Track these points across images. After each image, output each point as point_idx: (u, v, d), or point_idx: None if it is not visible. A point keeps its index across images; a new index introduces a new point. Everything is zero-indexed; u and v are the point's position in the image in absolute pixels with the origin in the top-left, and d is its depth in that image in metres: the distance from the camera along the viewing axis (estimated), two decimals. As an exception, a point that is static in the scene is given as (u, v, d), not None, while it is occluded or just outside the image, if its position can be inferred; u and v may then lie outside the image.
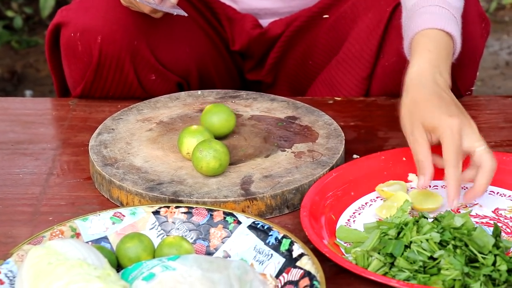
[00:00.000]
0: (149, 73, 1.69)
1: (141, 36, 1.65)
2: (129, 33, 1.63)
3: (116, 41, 1.63)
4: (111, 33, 1.63)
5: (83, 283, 1.10)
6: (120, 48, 1.63)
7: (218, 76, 1.80)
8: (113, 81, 1.68)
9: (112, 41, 1.63)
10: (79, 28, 1.64)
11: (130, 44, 1.64)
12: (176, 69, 1.72)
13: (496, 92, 3.06)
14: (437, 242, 1.25)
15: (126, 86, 1.69)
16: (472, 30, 1.64)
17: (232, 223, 1.32)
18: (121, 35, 1.63)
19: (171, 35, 1.69)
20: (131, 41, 1.64)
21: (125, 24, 1.63)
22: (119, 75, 1.67)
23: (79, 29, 1.64)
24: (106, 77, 1.68)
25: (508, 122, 1.65)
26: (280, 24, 1.77)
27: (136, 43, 1.64)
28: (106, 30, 1.62)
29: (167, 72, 1.71)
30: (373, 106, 1.71)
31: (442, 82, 1.44)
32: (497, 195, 1.43)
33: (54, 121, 1.69)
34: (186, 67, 1.74)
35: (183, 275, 1.15)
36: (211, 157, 1.42)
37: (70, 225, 1.31)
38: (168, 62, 1.70)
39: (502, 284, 1.22)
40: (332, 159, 1.48)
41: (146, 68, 1.68)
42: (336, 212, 1.40)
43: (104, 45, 1.63)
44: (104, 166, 1.47)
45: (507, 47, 3.33)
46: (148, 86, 1.71)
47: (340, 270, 1.27)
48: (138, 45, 1.65)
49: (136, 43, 1.64)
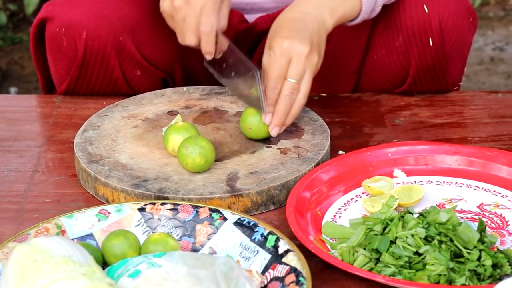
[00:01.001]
0: (134, 69, 1.69)
1: (126, 32, 1.64)
2: (114, 28, 1.63)
3: (101, 37, 1.63)
4: (97, 29, 1.62)
5: (69, 280, 1.10)
6: (105, 44, 1.63)
7: (203, 71, 1.80)
8: (98, 77, 1.68)
9: (97, 37, 1.62)
10: (64, 23, 1.63)
11: (116, 40, 1.63)
12: (161, 65, 1.72)
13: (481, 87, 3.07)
14: (422, 237, 1.25)
15: (112, 82, 1.69)
16: (460, 25, 1.65)
17: (218, 219, 1.32)
18: (107, 31, 1.62)
19: (156, 31, 1.69)
20: (117, 37, 1.63)
21: (111, 19, 1.63)
22: (104, 71, 1.67)
23: (64, 24, 1.63)
24: (92, 72, 1.67)
25: (493, 117, 1.66)
26: (267, 19, 1.77)
27: (121, 39, 1.64)
28: (91, 26, 1.62)
29: (152, 68, 1.71)
30: (358, 102, 1.71)
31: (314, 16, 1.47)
32: (482, 190, 1.44)
33: (39, 118, 1.68)
34: (171, 63, 1.73)
35: (169, 272, 1.15)
36: (197, 153, 1.42)
37: (55, 223, 1.31)
38: (153, 58, 1.70)
39: (487, 279, 1.23)
40: (318, 155, 1.48)
41: (131, 64, 1.68)
42: (322, 208, 1.40)
43: (89, 40, 1.63)
44: (89, 163, 1.46)
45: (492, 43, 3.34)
46: (134, 82, 1.70)
47: (326, 266, 1.28)
48: (123, 41, 1.64)
49: (121, 39, 1.64)
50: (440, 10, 1.62)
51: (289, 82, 1.44)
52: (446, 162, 1.48)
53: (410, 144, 1.51)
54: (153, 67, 1.71)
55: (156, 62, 1.71)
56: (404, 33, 1.65)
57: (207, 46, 1.51)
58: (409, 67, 1.68)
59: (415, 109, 1.68)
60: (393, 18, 1.65)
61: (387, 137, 1.60)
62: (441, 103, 1.70)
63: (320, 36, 1.47)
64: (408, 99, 1.71)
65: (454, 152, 1.49)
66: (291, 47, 1.43)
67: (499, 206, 1.40)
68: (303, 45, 1.43)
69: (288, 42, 1.43)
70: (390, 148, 1.49)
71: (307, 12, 1.47)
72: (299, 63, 1.43)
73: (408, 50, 1.66)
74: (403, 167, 1.48)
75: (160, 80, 1.74)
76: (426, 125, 1.64)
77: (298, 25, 1.45)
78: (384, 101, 1.71)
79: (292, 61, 1.44)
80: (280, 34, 1.44)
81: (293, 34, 1.44)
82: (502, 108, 1.68)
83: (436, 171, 1.48)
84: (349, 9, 1.51)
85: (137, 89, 1.71)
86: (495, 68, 3.19)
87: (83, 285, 1.10)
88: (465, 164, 1.48)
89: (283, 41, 1.43)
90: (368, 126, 1.64)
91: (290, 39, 1.43)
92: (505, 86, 3.07)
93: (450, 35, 1.64)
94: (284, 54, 1.43)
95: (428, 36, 1.63)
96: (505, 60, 3.23)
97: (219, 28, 1.51)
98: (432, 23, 1.62)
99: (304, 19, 1.46)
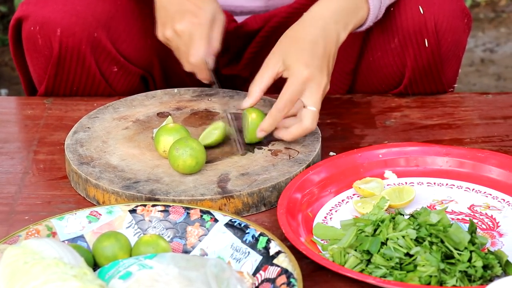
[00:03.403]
0: (110, 65, 1.68)
1: (101, 28, 1.64)
2: (88, 25, 1.63)
3: (76, 33, 1.62)
4: (71, 25, 1.62)
5: (60, 282, 1.10)
6: (80, 40, 1.63)
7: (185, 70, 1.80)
8: (75, 75, 1.68)
9: (71, 34, 1.62)
10: (39, 21, 1.63)
11: (90, 36, 1.63)
12: (138, 61, 1.72)
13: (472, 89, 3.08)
14: (413, 238, 1.25)
15: (89, 80, 1.69)
16: (456, 26, 1.65)
17: (209, 221, 1.32)
18: (81, 27, 1.62)
19: (132, 26, 1.69)
20: (91, 33, 1.63)
21: (85, 16, 1.63)
22: (81, 68, 1.67)
23: (39, 22, 1.63)
24: (68, 70, 1.67)
25: (483, 119, 1.66)
26: (258, 20, 1.76)
27: (96, 35, 1.64)
28: (65, 23, 1.62)
29: (129, 65, 1.71)
30: (349, 103, 1.72)
31: (332, 34, 1.47)
32: (473, 192, 1.44)
33: (30, 120, 1.68)
34: (148, 59, 1.73)
35: (160, 273, 1.15)
36: (188, 155, 1.42)
37: (46, 224, 1.31)
38: (130, 54, 1.70)
39: (477, 280, 1.23)
40: (309, 157, 1.48)
41: (107, 60, 1.68)
42: (313, 210, 1.40)
43: (64, 37, 1.62)
44: (80, 164, 1.46)
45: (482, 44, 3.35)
46: (111, 79, 1.70)
47: (317, 267, 1.28)
48: (98, 37, 1.64)
49: (96, 35, 1.64)
50: (435, 12, 1.63)
51: (311, 110, 1.45)
52: (437, 163, 1.49)
53: (401, 145, 1.51)
54: (129, 63, 1.71)
55: (133, 58, 1.71)
56: (400, 34, 1.65)
57: (201, 75, 1.55)
58: (405, 68, 1.68)
59: (406, 110, 1.69)
60: (388, 20, 1.66)
61: (378, 138, 1.60)
62: (432, 104, 1.70)
63: (334, 56, 1.48)
64: (399, 100, 1.72)
65: (444, 153, 1.49)
66: (311, 76, 1.43)
67: (490, 207, 1.41)
68: (322, 76, 1.45)
69: (308, 70, 1.43)
70: (381, 149, 1.50)
71: (327, 28, 1.47)
72: (318, 92, 1.44)
73: (404, 52, 1.66)
74: (394, 169, 1.48)
75: (138, 77, 1.73)
76: (417, 127, 1.64)
77: (318, 50, 1.45)
78: (375, 102, 1.71)
79: (312, 90, 1.44)
80: (302, 59, 1.44)
81: (314, 63, 1.44)
82: (493, 109, 1.69)
83: (427, 172, 1.48)
84: (359, 21, 1.53)
85: (115, 86, 1.71)
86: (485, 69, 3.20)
87: (74, 286, 1.10)
88: (456, 166, 1.48)
89: (305, 69, 1.43)
90: (359, 127, 1.64)
91: (311, 68, 1.43)
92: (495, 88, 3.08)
93: (446, 37, 1.64)
94: (301, 82, 1.44)
95: (424, 38, 1.64)
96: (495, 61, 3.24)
97: (211, 51, 1.52)
98: (427, 25, 1.63)
99: (324, 41, 1.46)
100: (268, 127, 1.46)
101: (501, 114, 1.67)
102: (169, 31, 1.53)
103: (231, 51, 1.81)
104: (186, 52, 1.52)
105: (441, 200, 1.43)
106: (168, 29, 1.53)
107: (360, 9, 1.51)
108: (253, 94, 1.47)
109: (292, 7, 1.74)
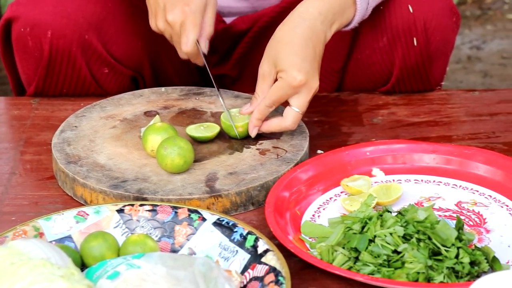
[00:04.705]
0: (101, 66, 1.68)
1: (91, 30, 1.64)
2: (79, 26, 1.62)
3: (67, 35, 1.62)
4: (61, 27, 1.62)
5: (47, 283, 1.09)
6: (70, 42, 1.63)
7: (175, 70, 1.79)
8: (66, 76, 1.67)
9: (62, 35, 1.62)
10: (29, 23, 1.63)
11: (81, 38, 1.63)
12: (128, 62, 1.72)
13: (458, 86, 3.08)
14: (400, 235, 1.26)
15: (80, 81, 1.68)
16: (445, 25, 1.65)
17: (197, 220, 1.32)
18: (71, 29, 1.62)
19: (122, 28, 1.69)
20: (82, 35, 1.63)
21: (75, 18, 1.62)
22: (72, 70, 1.66)
23: (29, 24, 1.63)
24: (59, 72, 1.66)
25: (470, 116, 1.66)
26: (246, 20, 1.76)
27: (87, 36, 1.63)
28: (56, 24, 1.62)
29: (120, 66, 1.70)
30: (336, 101, 1.72)
31: (319, 35, 1.47)
32: (460, 188, 1.45)
33: (16, 120, 1.67)
34: (139, 60, 1.73)
35: (148, 273, 1.15)
36: (176, 154, 1.42)
37: (33, 225, 1.30)
38: (120, 56, 1.70)
39: (465, 276, 1.23)
40: (297, 156, 1.48)
41: (98, 62, 1.67)
42: (301, 208, 1.40)
43: (54, 39, 1.62)
44: (67, 164, 1.46)
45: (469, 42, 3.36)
46: (102, 80, 1.70)
47: (305, 265, 1.28)
48: (89, 39, 1.64)
49: (87, 36, 1.63)
50: (424, 10, 1.63)
51: (294, 111, 1.47)
52: (424, 160, 1.49)
53: (388, 143, 1.51)
54: (120, 64, 1.70)
55: (123, 60, 1.71)
56: (389, 33, 1.65)
57: (196, 61, 1.56)
58: (393, 67, 1.68)
59: (393, 108, 1.69)
60: (378, 18, 1.66)
61: (365, 136, 1.61)
62: (419, 102, 1.71)
63: (321, 56, 1.49)
64: (386, 98, 1.72)
65: (432, 150, 1.49)
66: (304, 83, 1.44)
67: (477, 203, 1.41)
68: (314, 81, 1.45)
69: (302, 77, 1.44)
70: (368, 147, 1.50)
71: (315, 29, 1.47)
72: (307, 97, 1.46)
73: (392, 50, 1.66)
74: (382, 166, 1.49)
75: (129, 78, 1.73)
76: (404, 124, 1.64)
77: (309, 53, 1.45)
78: (362, 100, 1.72)
79: (300, 94, 1.46)
80: (295, 64, 1.44)
81: (306, 67, 1.44)
82: (479, 106, 1.69)
83: (414, 169, 1.48)
84: (345, 21, 1.52)
85: (106, 88, 1.71)
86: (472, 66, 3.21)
87: (62, 287, 1.10)
88: (443, 163, 1.48)
89: (298, 75, 1.44)
90: (346, 125, 1.64)
91: (303, 73, 1.44)
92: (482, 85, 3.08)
93: (435, 35, 1.65)
94: (295, 88, 1.45)
95: (413, 36, 1.64)
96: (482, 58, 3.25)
97: (205, 36, 1.52)
98: (416, 23, 1.63)
99: (313, 43, 1.46)
100: (257, 122, 1.49)
101: (488, 111, 1.68)
102: (161, 21, 1.53)
103: (220, 51, 1.81)
104: (179, 41, 1.52)
105: (429, 197, 1.43)
106: (160, 19, 1.53)
107: (347, 9, 1.51)
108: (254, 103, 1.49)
109: (280, 7, 1.74)
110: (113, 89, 1.71)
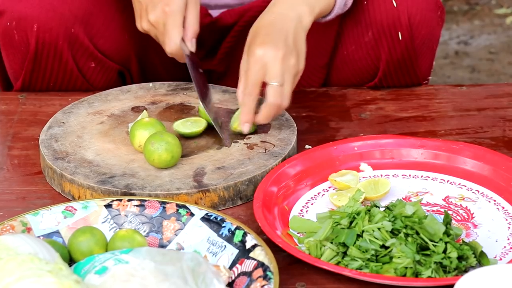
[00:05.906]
0: (88, 60, 1.68)
1: (78, 23, 1.63)
2: (65, 20, 1.62)
3: (53, 29, 1.62)
4: (47, 21, 1.61)
5: (35, 278, 1.09)
6: (57, 36, 1.62)
7: (163, 65, 1.79)
8: (52, 70, 1.67)
9: (48, 29, 1.61)
10: (15, 17, 1.62)
11: (67, 32, 1.62)
12: (115, 56, 1.71)
13: (446, 81, 3.09)
14: (388, 230, 1.26)
15: (66, 75, 1.68)
16: (429, 18, 1.66)
17: (185, 215, 1.32)
18: (58, 23, 1.61)
19: (109, 22, 1.68)
20: (68, 29, 1.62)
21: (62, 11, 1.62)
22: (58, 64, 1.66)
23: (15, 18, 1.62)
24: (45, 66, 1.66)
25: (458, 111, 1.67)
26: (233, 14, 1.76)
27: (73, 30, 1.63)
28: (42, 18, 1.61)
29: (107, 60, 1.70)
30: (325, 96, 1.72)
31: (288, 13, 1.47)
32: (447, 183, 1.45)
33: (3, 115, 1.66)
34: (126, 54, 1.73)
35: (136, 268, 1.15)
36: (163, 149, 1.42)
37: (21, 220, 1.30)
38: (107, 50, 1.69)
39: (452, 271, 1.24)
40: (285, 150, 1.48)
41: (84, 56, 1.67)
42: (289, 203, 1.40)
43: (41, 33, 1.62)
44: (55, 160, 1.45)
45: (456, 37, 3.37)
46: (88, 74, 1.69)
47: (294, 260, 1.28)
48: (75, 32, 1.63)
49: (73, 30, 1.63)
50: (408, 4, 1.63)
51: (272, 86, 1.44)
52: (412, 155, 1.49)
53: (376, 138, 1.51)
54: (107, 58, 1.70)
55: (110, 54, 1.70)
56: (374, 28, 1.65)
57: (181, 60, 1.55)
58: (379, 61, 1.69)
59: (381, 103, 1.69)
60: (362, 13, 1.66)
61: (354, 131, 1.61)
62: (407, 97, 1.71)
63: (298, 36, 1.47)
64: (374, 93, 1.72)
65: (419, 145, 1.50)
66: (265, 53, 1.43)
67: (464, 198, 1.42)
68: (276, 49, 1.44)
69: (261, 48, 1.43)
70: (356, 142, 1.50)
71: (283, 12, 1.47)
72: (275, 65, 1.44)
73: (378, 45, 1.67)
74: (369, 161, 1.49)
75: (115, 72, 1.73)
76: (392, 119, 1.65)
77: (273, 29, 1.45)
78: (350, 95, 1.72)
79: (268, 65, 1.44)
80: (255, 41, 1.45)
81: (267, 40, 1.44)
82: (467, 101, 1.70)
83: (402, 164, 1.49)
84: (326, 5, 1.52)
85: (93, 82, 1.70)
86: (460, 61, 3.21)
87: (50, 282, 1.09)
88: (431, 158, 1.49)
89: (257, 48, 1.44)
90: (334, 120, 1.64)
91: (264, 45, 1.44)
92: (469, 80, 3.09)
93: (420, 29, 1.65)
94: (258, 61, 1.44)
95: (398, 31, 1.64)
96: (469, 53, 3.26)
97: (190, 36, 1.52)
98: (401, 18, 1.63)
99: (280, 21, 1.46)
100: (247, 116, 1.47)
101: (475, 106, 1.68)
102: (144, 22, 1.53)
103: (206, 45, 1.80)
104: (163, 41, 1.53)
105: (416, 192, 1.43)
106: (144, 20, 1.53)
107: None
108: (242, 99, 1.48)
109: (266, 1, 1.74)
110: (100, 83, 1.71)
